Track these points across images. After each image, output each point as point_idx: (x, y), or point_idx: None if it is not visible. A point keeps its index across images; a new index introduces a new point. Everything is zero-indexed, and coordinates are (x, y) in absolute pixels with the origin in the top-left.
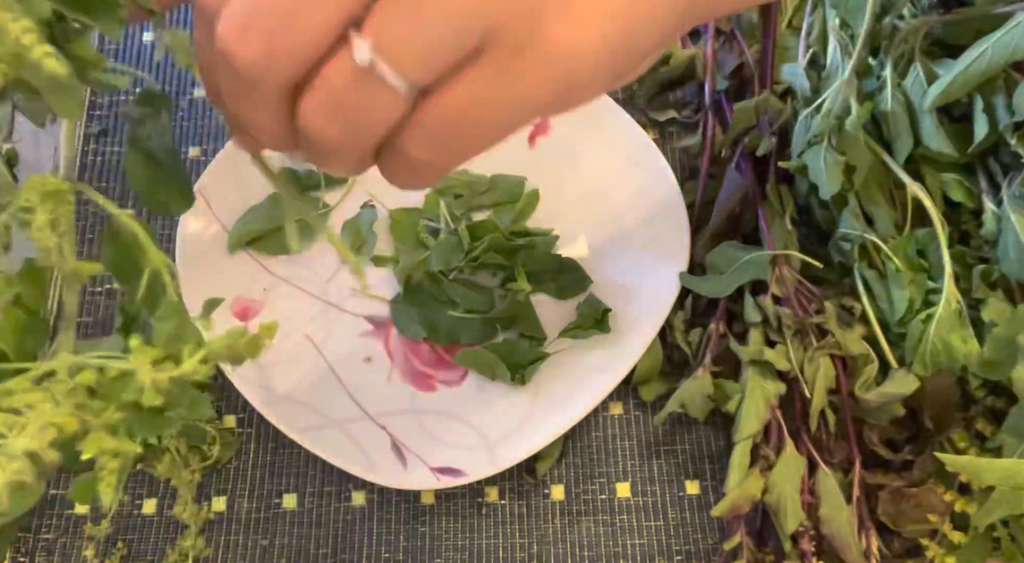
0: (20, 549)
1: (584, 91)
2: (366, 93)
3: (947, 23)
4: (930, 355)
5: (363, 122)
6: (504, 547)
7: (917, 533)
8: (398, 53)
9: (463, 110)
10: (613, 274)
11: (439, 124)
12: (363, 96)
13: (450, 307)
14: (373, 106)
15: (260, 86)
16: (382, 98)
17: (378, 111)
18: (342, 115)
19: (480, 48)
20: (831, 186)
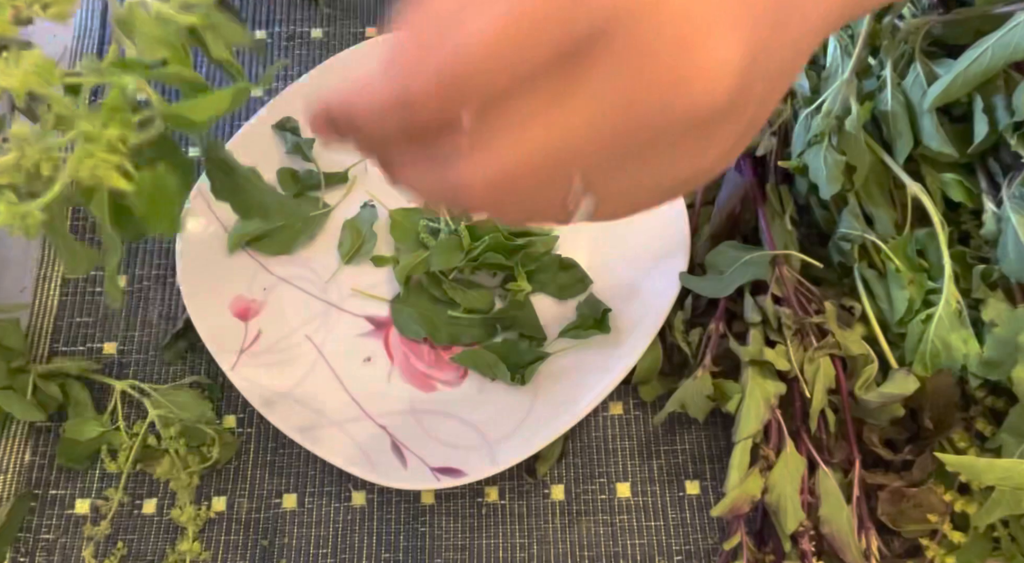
0: (20, 549)
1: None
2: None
3: (947, 23)
4: (930, 355)
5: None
6: (504, 547)
7: (917, 533)
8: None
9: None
10: (613, 274)
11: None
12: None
13: (450, 307)
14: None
15: (411, 117)
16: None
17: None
18: (523, 206)
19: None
20: (831, 186)
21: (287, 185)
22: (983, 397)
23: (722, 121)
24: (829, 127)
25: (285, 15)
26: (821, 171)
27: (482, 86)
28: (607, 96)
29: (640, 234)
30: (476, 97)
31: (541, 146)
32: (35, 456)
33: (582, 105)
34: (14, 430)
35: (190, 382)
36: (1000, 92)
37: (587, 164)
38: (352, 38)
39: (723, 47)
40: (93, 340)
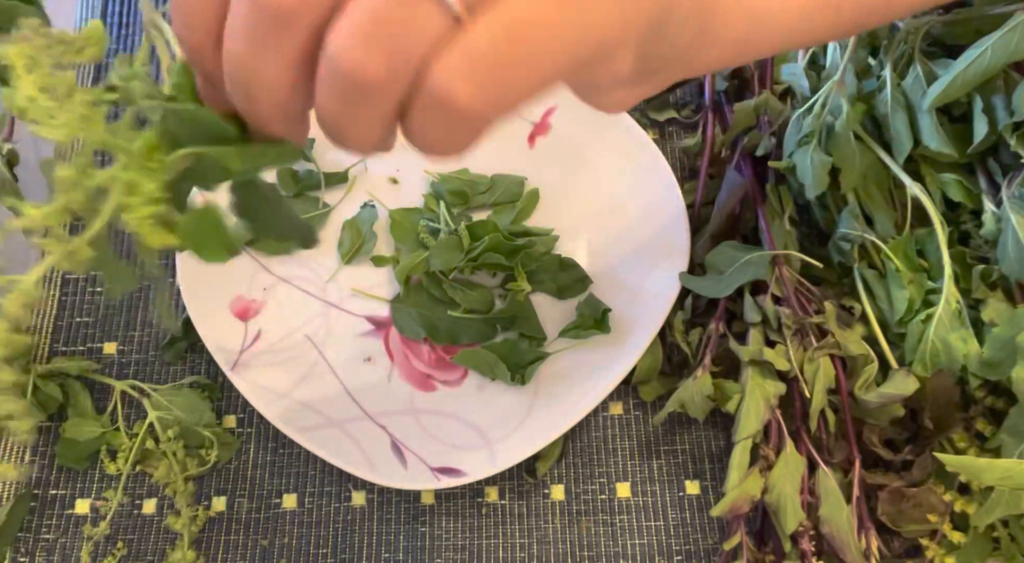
0: (20, 549)
1: (639, 45)
2: (412, 12)
3: (947, 23)
4: (930, 355)
5: (405, 47)
6: (504, 547)
7: (917, 533)
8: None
9: (518, 30)
10: (613, 274)
11: (489, 46)
12: (408, 16)
13: (450, 307)
14: (418, 26)
15: (289, 26)
16: (429, 17)
17: (423, 32)
18: (383, 39)
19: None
20: (816, 187)
21: (287, 185)
22: (983, 397)
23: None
24: (819, 128)
25: None
26: (807, 172)
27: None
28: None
29: (640, 234)
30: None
31: (498, 38)
32: (35, 456)
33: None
34: None
35: (190, 382)
36: (1000, 92)
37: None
38: None
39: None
40: (93, 340)
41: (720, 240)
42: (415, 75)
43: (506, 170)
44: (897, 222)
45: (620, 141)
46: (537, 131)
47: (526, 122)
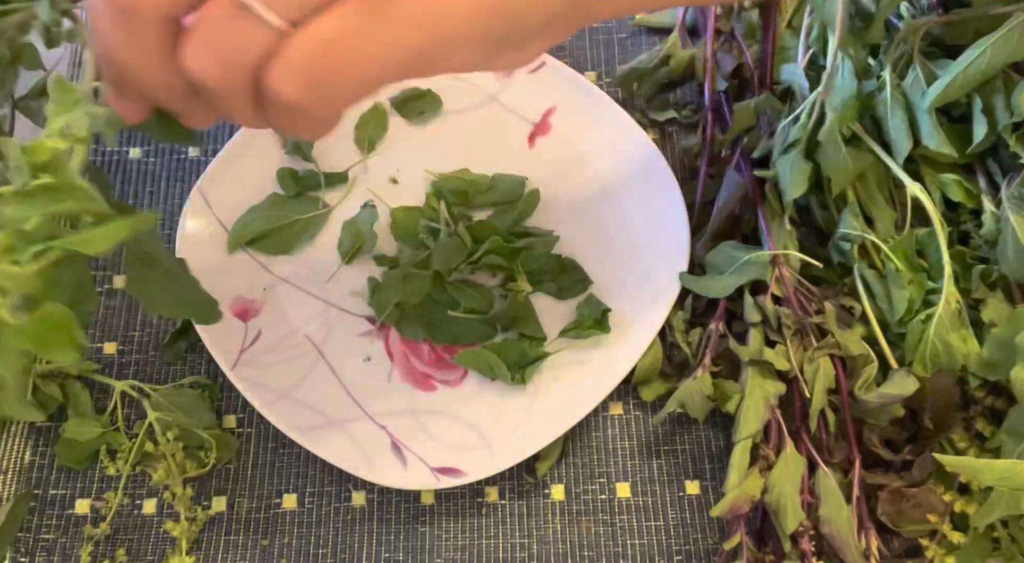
0: (20, 549)
1: (455, 50)
2: (239, 28)
3: (946, 23)
4: (930, 355)
5: (236, 57)
6: (504, 547)
7: (917, 533)
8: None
9: (328, 44)
10: (613, 274)
11: (305, 58)
12: (237, 31)
13: (450, 307)
14: (245, 40)
15: (140, 19)
16: (254, 32)
17: (250, 45)
18: (216, 50)
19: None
20: (794, 190)
21: (287, 185)
22: (983, 397)
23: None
24: (804, 136)
25: None
26: (787, 176)
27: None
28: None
29: (640, 234)
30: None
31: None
32: (35, 456)
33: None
34: (14, 430)
35: (190, 382)
36: (999, 92)
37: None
38: None
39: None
40: (93, 340)
41: (720, 240)
42: (250, 75)
43: (506, 170)
44: (897, 222)
45: (620, 141)
46: (537, 131)
47: (526, 122)
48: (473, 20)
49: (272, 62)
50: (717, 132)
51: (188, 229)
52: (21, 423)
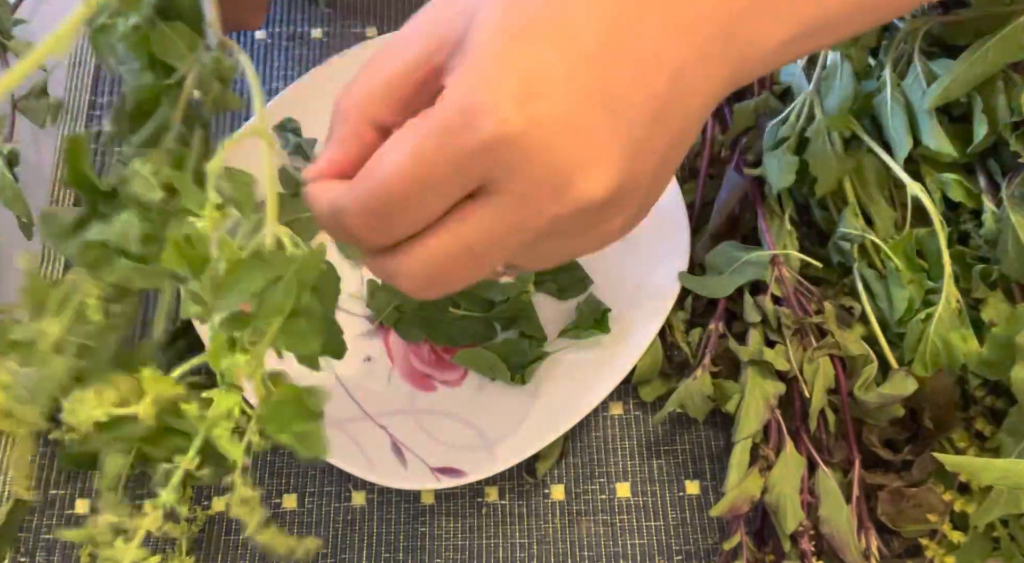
0: (20, 549)
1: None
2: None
3: (947, 23)
4: (930, 355)
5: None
6: (504, 547)
7: (916, 533)
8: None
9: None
10: (613, 274)
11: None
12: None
13: (450, 307)
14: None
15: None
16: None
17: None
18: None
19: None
20: (781, 182)
21: (288, 184)
22: (983, 397)
23: (607, 212)
24: (794, 135)
25: (285, 15)
26: (774, 170)
27: (400, 216)
28: (504, 216)
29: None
30: (397, 224)
31: (447, 252)
32: (35, 456)
33: (486, 221)
34: None
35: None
36: (1000, 92)
37: (496, 258)
38: (352, 38)
39: (591, 182)
40: None
41: (720, 240)
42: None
43: None
44: (897, 222)
45: None
46: None
47: None
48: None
49: (404, 250)
50: (717, 132)
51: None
52: None
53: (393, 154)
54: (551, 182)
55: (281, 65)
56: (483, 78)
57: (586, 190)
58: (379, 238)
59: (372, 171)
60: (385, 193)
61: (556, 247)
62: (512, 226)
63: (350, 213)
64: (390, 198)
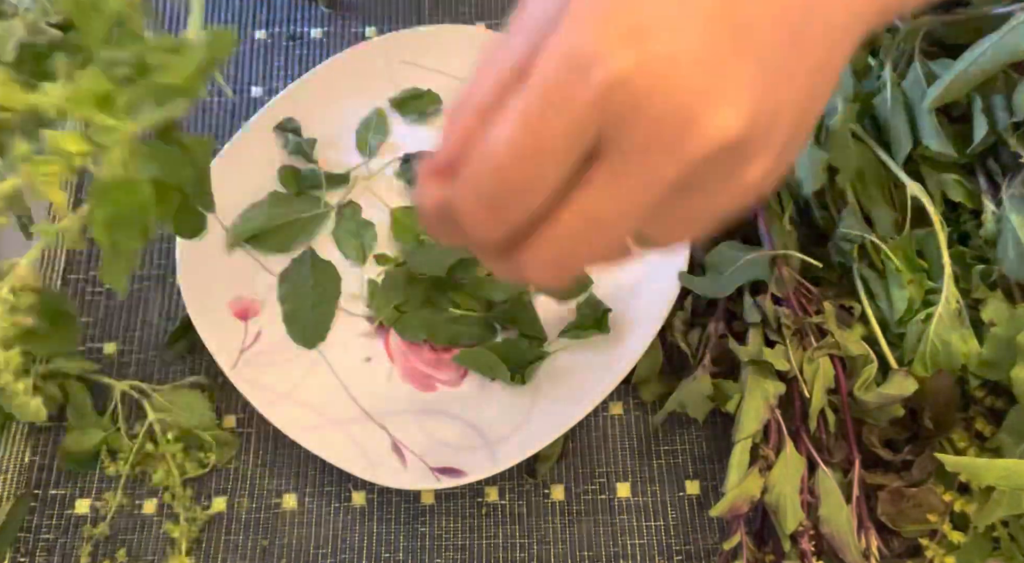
0: (20, 549)
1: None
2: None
3: (947, 23)
4: (930, 355)
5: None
6: (504, 547)
7: (916, 533)
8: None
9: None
10: (613, 274)
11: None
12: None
13: (450, 307)
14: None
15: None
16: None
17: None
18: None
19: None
20: (814, 183)
21: (288, 184)
22: (983, 397)
23: (744, 154)
24: (815, 126)
25: (285, 15)
26: (804, 168)
27: (516, 197)
28: (626, 176)
29: None
30: (513, 206)
31: (574, 229)
32: (35, 456)
33: (607, 188)
34: (14, 430)
35: (190, 382)
36: (1000, 92)
37: (632, 224)
38: (352, 38)
39: (721, 117)
40: (93, 340)
41: (720, 240)
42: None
43: None
44: (897, 222)
45: None
46: None
47: None
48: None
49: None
50: None
51: None
52: (21, 423)
53: (498, 128)
54: (675, 122)
55: (281, 65)
56: (586, 24)
57: (716, 126)
58: (495, 228)
59: (479, 153)
60: (497, 172)
61: (692, 207)
62: (640, 182)
63: (462, 205)
64: (503, 177)
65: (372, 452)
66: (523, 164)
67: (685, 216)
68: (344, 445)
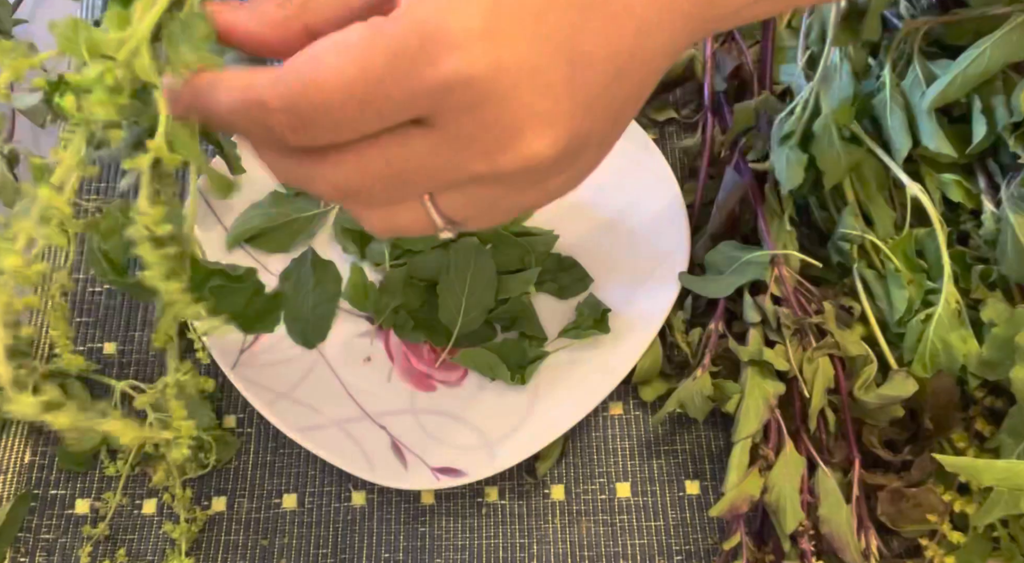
0: (20, 549)
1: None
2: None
3: (946, 23)
4: (929, 355)
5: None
6: (504, 547)
7: (916, 533)
8: (459, 223)
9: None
10: (613, 274)
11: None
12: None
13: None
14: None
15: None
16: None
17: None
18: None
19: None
20: (790, 181)
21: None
22: (982, 397)
23: (553, 170)
24: (799, 128)
25: None
26: (783, 168)
27: (326, 128)
28: (440, 153)
29: (640, 234)
30: (320, 133)
31: (374, 169)
32: (35, 456)
33: (415, 151)
34: (14, 430)
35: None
36: (999, 92)
37: (423, 189)
38: None
39: (540, 140)
40: (93, 340)
41: (720, 240)
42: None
43: None
44: (897, 222)
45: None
46: None
47: None
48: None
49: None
50: (717, 132)
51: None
52: (21, 423)
53: (335, 58)
54: (500, 133)
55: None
56: (448, 1)
57: (533, 148)
58: (296, 140)
59: (307, 70)
60: (320, 98)
61: (497, 199)
62: (449, 163)
63: (272, 109)
64: (325, 105)
65: (372, 452)
66: (349, 105)
67: (490, 207)
68: (344, 445)
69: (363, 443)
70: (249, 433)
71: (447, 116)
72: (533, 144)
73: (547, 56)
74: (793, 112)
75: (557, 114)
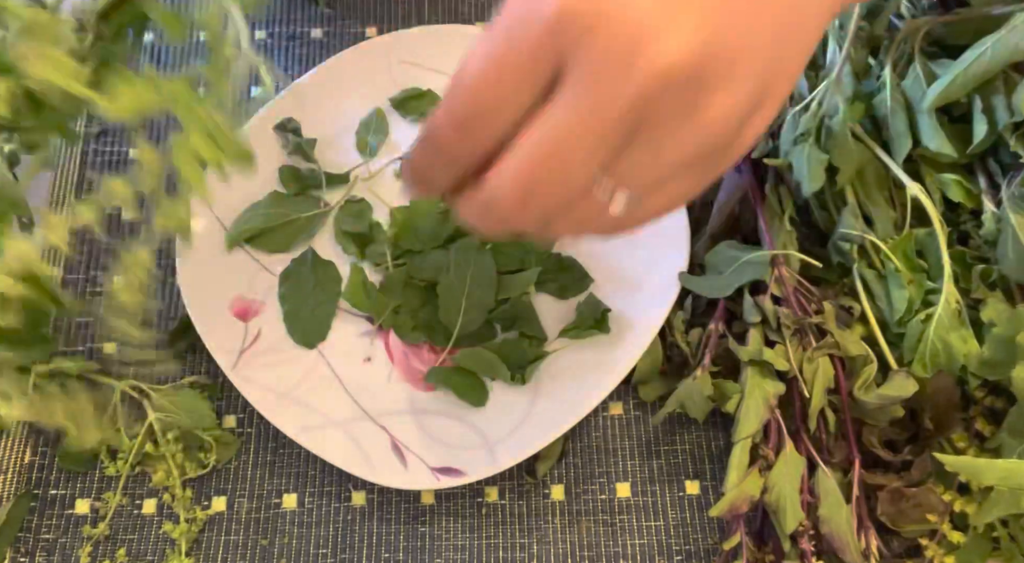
0: (20, 549)
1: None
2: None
3: (947, 23)
4: (929, 355)
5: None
6: (504, 547)
7: (916, 533)
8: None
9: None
10: (613, 274)
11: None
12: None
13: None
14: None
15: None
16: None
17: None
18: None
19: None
20: (812, 184)
21: (288, 183)
22: (983, 397)
23: (701, 87)
24: (815, 126)
25: (285, 15)
26: (803, 169)
27: (481, 117)
28: (580, 101)
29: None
30: (479, 127)
31: (535, 154)
32: (35, 456)
33: (563, 113)
34: (14, 430)
35: (190, 382)
36: (1000, 92)
37: (593, 157)
38: (352, 38)
39: (665, 44)
40: (93, 340)
41: (720, 240)
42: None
43: None
44: (897, 222)
45: None
46: None
47: None
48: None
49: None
50: None
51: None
52: (21, 423)
53: (470, 62)
54: (620, 52)
55: (281, 65)
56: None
57: (661, 52)
58: (462, 144)
59: (454, 84)
60: (464, 95)
61: (661, 152)
62: (591, 110)
63: (441, 129)
64: (470, 99)
65: (372, 452)
66: (487, 87)
67: (656, 165)
68: (344, 445)
69: (363, 443)
70: (249, 433)
71: (571, 57)
72: (659, 47)
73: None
74: (808, 108)
75: (680, 18)
